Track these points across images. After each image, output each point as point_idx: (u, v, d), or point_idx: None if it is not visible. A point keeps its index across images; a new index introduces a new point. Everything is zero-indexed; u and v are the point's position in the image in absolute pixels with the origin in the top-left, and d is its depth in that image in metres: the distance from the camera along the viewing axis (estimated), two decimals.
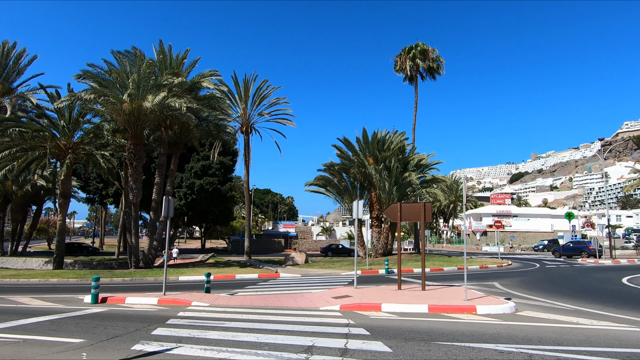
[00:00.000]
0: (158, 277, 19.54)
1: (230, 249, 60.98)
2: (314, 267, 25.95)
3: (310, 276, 20.51)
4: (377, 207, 33.15)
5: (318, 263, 30.23)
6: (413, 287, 14.05)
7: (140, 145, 24.48)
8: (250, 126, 40.58)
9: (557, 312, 9.75)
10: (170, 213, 12.51)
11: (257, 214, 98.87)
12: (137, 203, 24.94)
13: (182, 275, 19.99)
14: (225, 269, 23.47)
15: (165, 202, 12.33)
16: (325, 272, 22.03)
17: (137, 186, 24.55)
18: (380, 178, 31.51)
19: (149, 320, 8.70)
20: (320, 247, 61.71)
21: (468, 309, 9.35)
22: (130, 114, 23.31)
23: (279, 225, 67.75)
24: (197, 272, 21.75)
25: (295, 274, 21.36)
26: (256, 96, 40.07)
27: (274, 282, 18.01)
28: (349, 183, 34.82)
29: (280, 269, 24.22)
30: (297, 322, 8.36)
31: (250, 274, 20.58)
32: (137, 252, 25.31)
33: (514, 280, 18.45)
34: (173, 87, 23.73)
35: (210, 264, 31.12)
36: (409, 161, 33.32)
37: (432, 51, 36.44)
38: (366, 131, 33.15)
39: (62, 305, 11.40)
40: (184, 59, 26.71)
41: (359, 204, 14.13)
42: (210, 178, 47.31)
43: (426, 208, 12.73)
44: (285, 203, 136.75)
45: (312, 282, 17.53)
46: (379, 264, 26.74)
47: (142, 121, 23.91)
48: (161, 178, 26.94)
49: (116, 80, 23.26)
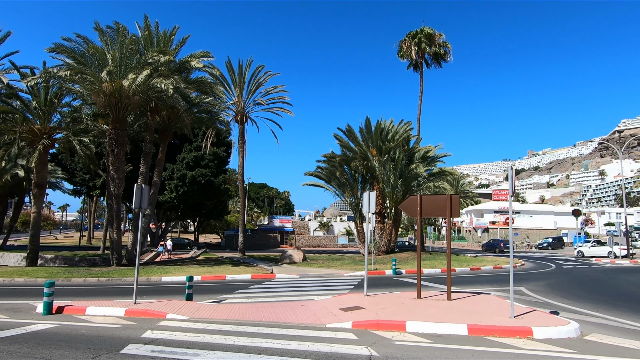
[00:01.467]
0: (140, 277, 17.34)
1: (223, 244, 58.84)
2: (312, 266, 23.83)
3: (310, 277, 18.37)
4: (379, 202, 31.01)
5: (317, 261, 28.10)
6: (434, 294, 11.92)
7: (122, 131, 22.13)
8: (245, 115, 38.29)
9: (633, 334, 7.66)
10: (143, 204, 10.30)
11: (252, 208, 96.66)
12: (119, 194, 22.63)
13: (165, 275, 17.79)
14: (216, 268, 21.28)
15: (137, 192, 10.10)
16: (326, 272, 19.91)
17: (118, 176, 22.23)
18: (385, 170, 29.35)
19: (102, 345, 6.52)
20: (317, 243, 59.57)
21: (521, 332, 7.21)
22: (111, 96, 20.96)
23: (275, 220, 65.56)
24: (183, 271, 19.56)
25: (292, 274, 19.22)
26: (252, 83, 37.77)
27: (269, 284, 15.85)
28: (350, 176, 32.67)
29: (276, 268, 22.08)
30: (299, 351, 6.21)
31: (242, 274, 18.40)
32: (119, 249, 23.05)
33: (540, 284, 16.40)
34: (159, 66, 21.38)
35: (200, 261, 28.94)
36: (414, 153, 31.16)
37: (439, 36, 34.18)
38: (369, 121, 30.97)
39: (4, 317, 9.17)
40: (172, 36, 24.33)
41: (370, 195, 11.90)
42: (203, 170, 44.96)
43: (453, 201, 10.58)
44: (281, 198, 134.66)
45: (312, 286, 15.38)
46: (383, 263, 24.66)
47: (124, 104, 21.56)
48: (146, 167, 24.65)
49: (94, 56, 20.85)
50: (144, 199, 10.26)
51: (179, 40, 24.59)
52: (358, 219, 32.93)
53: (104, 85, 20.30)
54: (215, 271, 19.56)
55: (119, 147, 22.00)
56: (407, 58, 35.50)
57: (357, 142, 31.08)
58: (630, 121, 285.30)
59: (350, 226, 64.80)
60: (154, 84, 20.59)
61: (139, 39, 22.70)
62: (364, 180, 32.91)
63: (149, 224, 26.22)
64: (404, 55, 35.29)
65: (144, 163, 24.66)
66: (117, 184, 22.28)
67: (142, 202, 10.23)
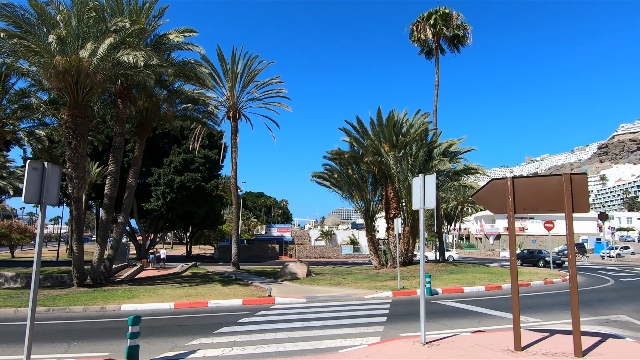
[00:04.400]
0: (93, 304, 12.90)
1: (217, 256, 54.18)
2: (319, 283, 19.39)
3: (320, 301, 13.94)
4: (394, 205, 26.73)
5: (323, 276, 23.66)
6: (529, 336, 7.49)
7: (82, 119, 17.77)
8: (238, 111, 34.06)
9: None
10: (46, 197, 5.94)
11: (249, 217, 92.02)
12: (79, 198, 18.17)
13: (128, 302, 13.31)
14: (199, 289, 16.80)
15: (30, 175, 5.75)
16: (340, 293, 15.50)
17: (78, 174, 17.82)
18: (401, 168, 25.07)
19: None
20: (319, 254, 54.61)
21: None
22: (66, 73, 16.66)
23: (273, 229, 60.94)
24: (156, 294, 15.10)
25: (296, 296, 14.79)
26: (245, 75, 33.60)
27: (266, 316, 11.42)
28: (360, 176, 28.38)
29: (276, 287, 17.65)
30: None
31: (231, 299, 13.93)
32: (80, 265, 18.55)
33: (632, 307, 12.10)
34: (127, 36, 17.15)
35: (185, 277, 24.44)
36: (434, 148, 26.92)
37: (457, 16, 30.13)
38: (381, 112, 26.76)
39: None
40: (150, 9, 20.10)
41: (426, 181, 7.71)
42: (193, 174, 40.54)
43: (576, 185, 6.30)
44: (279, 206, 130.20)
45: (327, 317, 10.96)
46: (405, 278, 20.27)
47: (84, 84, 17.27)
48: (116, 165, 20.28)
49: (43, 22, 16.58)
50: (47, 187, 5.91)
51: (156, 13, 20.42)
52: (369, 226, 28.57)
53: (56, 60, 16.01)
54: (196, 294, 15.09)
55: (79, 138, 17.63)
56: (420, 43, 31.45)
57: (367, 136, 26.84)
58: (629, 125, 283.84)
59: (354, 235, 60.27)
60: (120, 57, 16.36)
61: (103, 6, 18.51)
62: (374, 180, 28.66)
63: (121, 233, 21.80)
64: (417, 40, 31.22)
65: (113, 160, 20.30)
66: (76, 184, 17.86)
67: (44, 192, 5.87)
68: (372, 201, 29.04)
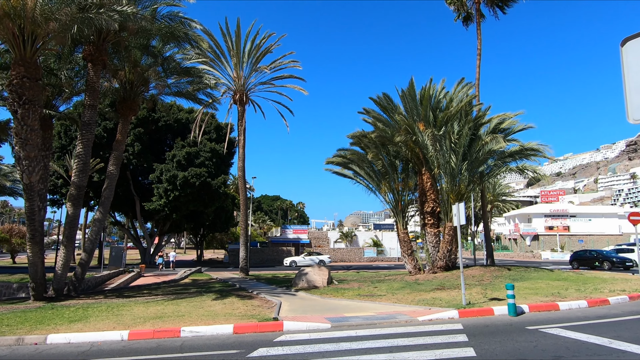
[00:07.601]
0: (11, 333, 8.52)
1: (227, 260, 49.96)
2: (346, 295, 14.66)
3: (353, 327, 9.22)
4: (432, 197, 21.91)
5: (348, 284, 18.95)
6: None
7: (32, 81, 13.58)
8: (245, 94, 29.80)
9: None
10: None
11: (264, 220, 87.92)
12: (30, 185, 13.94)
13: (63, 329, 8.84)
14: (183, 304, 12.31)
15: None
16: (378, 311, 10.78)
17: (28, 153, 13.62)
18: (442, 150, 20.24)
19: None
20: (339, 257, 49.33)
21: None
22: (6, 17, 12.54)
23: (288, 231, 56.41)
24: (120, 313, 10.66)
25: (315, 317, 10.14)
26: (253, 52, 29.31)
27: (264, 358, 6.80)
28: (388, 163, 23.54)
29: (287, 301, 13.06)
30: None
31: (217, 324, 9.32)
32: (36, 273, 14.35)
33: None
34: None
35: (181, 286, 20.12)
36: (481, 125, 21.95)
37: None
38: (413, 84, 22.00)
39: None
40: None
41: None
42: (197, 169, 36.39)
43: None
44: (295, 209, 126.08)
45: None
46: (454, 287, 15.36)
47: (31, 32, 13.13)
48: (85, 147, 16.05)
49: None
50: None
51: None
52: (401, 223, 23.72)
53: None
54: (173, 314, 10.57)
55: (26, 106, 13.42)
56: (456, 6, 26.56)
57: (398, 112, 22.10)
58: None
59: (377, 236, 55.23)
60: None
61: None
62: (404, 167, 23.85)
63: (99, 232, 17.53)
64: (454, 2, 26.37)
65: (81, 140, 16.08)
66: (27, 167, 13.66)
67: None
68: (404, 193, 24.21)
